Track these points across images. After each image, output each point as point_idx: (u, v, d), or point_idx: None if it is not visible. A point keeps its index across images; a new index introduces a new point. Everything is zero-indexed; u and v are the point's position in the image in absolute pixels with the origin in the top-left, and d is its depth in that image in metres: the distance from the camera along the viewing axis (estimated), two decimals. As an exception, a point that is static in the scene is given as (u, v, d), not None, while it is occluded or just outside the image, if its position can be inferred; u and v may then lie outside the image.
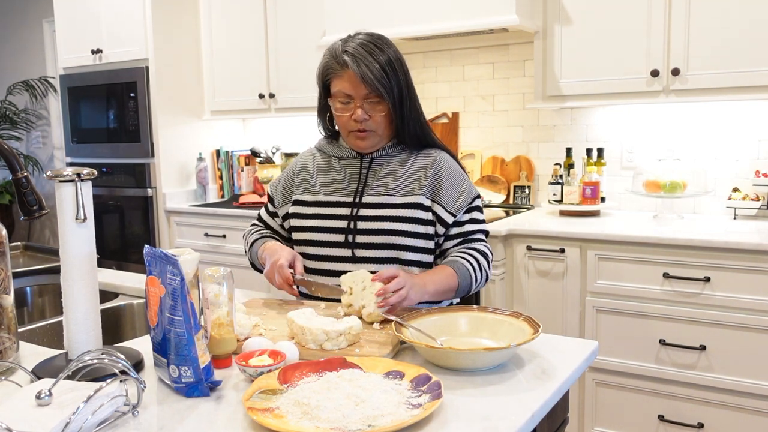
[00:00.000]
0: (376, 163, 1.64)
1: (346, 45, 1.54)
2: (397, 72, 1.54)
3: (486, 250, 1.62)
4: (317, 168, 1.70)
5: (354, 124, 1.56)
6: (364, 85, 1.51)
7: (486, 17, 2.80)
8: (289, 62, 3.58)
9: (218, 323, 1.18)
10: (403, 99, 1.56)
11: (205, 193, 3.91)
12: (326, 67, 1.58)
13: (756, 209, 2.68)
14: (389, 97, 1.53)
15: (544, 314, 2.65)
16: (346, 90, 1.54)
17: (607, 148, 3.03)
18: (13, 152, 1.28)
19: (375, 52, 1.52)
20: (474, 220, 1.63)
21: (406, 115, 1.58)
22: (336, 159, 1.68)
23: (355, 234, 1.58)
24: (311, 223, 1.64)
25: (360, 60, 1.50)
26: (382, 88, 1.51)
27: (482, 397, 1.04)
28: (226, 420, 0.97)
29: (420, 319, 1.32)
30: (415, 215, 1.58)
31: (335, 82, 1.56)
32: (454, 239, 1.62)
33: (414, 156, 1.64)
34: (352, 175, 1.65)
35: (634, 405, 2.51)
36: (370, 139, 1.59)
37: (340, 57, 1.53)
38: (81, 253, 1.16)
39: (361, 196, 1.61)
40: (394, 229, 1.57)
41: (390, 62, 1.53)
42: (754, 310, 2.25)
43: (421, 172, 1.61)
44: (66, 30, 4.05)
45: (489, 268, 1.62)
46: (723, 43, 2.49)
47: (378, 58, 1.51)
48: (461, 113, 3.43)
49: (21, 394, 0.99)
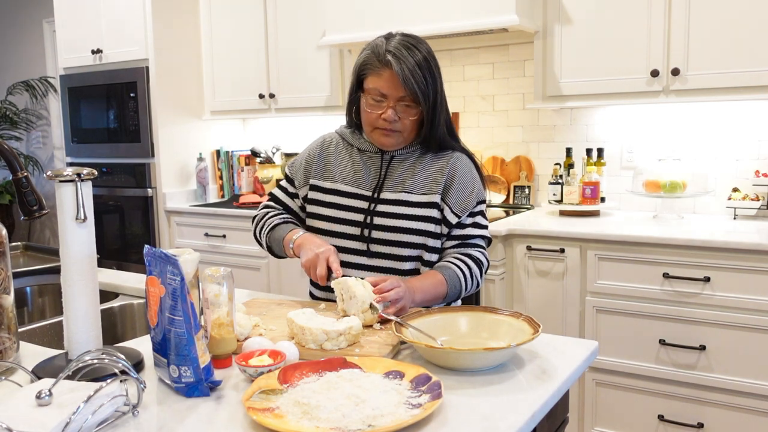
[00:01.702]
0: (397, 160, 1.64)
1: (389, 43, 1.52)
2: (436, 80, 1.53)
3: (482, 258, 1.61)
4: (338, 155, 1.68)
5: (383, 122, 1.55)
6: (404, 88, 1.49)
7: (486, 17, 2.80)
8: (289, 62, 3.58)
9: (218, 323, 1.18)
10: (437, 104, 1.54)
11: (205, 193, 3.91)
12: (366, 62, 1.55)
13: (756, 209, 2.68)
14: (425, 102, 1.52)
15: (544, 314, 2.65)
16: (382, 89, 1.52)
17: (607, 148, 3.03)
18: (13, 152, 1.28)
19: (417, 57, 1.50)
20: (477, 225, 1.63)
21: (437, 120, 1.56)
22: (357, 151, 1.67)
23: (371, 229, 1.58)
24: (327, 212, 1.63)
25: (402, 60, 1.49)
26: (420, 92, 1.50)
27: (482, 397, 1.04)
28: (226, 420, 0.97)
29: (420, 319, 1.32)
30: (430, 214, 1.58)
31: (371, 78, 1.54)
32: (454, 240, 1.61)
33: (433, 155, 1.63)
34: (372, 169, 1.64)
35: (634, 405, 2.51)
36: (395, 138, 1.58)
37: (383, 55, 1.51)
38: (81, 253, 1.16)
39: (379, 192, 1.61)
40: (410, 228, 1.56)
41: (431, 69, 1.52)
42: (754, 310, 2.25)
43: (438, 172, 1.60)
44: (66, 30, 4.05)
45: (481, 276, 1.61)
46: (723, 43, 2.49)
47: (420, 64, 1.50)
48: (461, 113, 3.43)
49: (21, 394, 0.99)
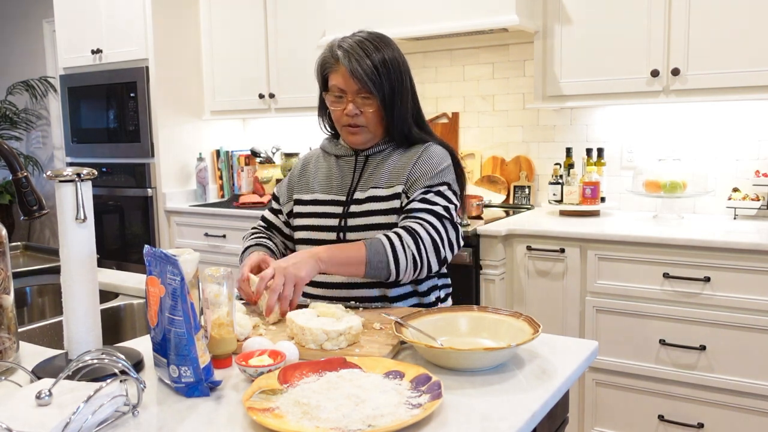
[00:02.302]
0: (370, 160, 1.65)
1: (343, 41, 1.57)
2: (390, 71, 1.55)
3: (418, 228, 1.47)
4: (317, 167, 1.72)
5: (346, 118, 1.59)
6: (354, 81, 1.53)
7: (486, 17, 2.80)
8: (289, 62, 3.58)
9: (218, 323, 1.18)
10: (395, 98, 1.56)
11: (205, 193, 3.91)
12: (323, 61, 1.61)
13: (756, 209, 2.68)
14: (378, 93, 1.54)
15: (544, 314, 2.65)
16: (340, 84, 1.56)
17: (607, 148, 3.02)
18: (13, 152, 1.28)
19: (369, 49, 1.54)
20: (425, 200, 1.53)
21: (396, 113, 1.58)
22: (335, 158, 1.70)
23: (345, 231, 1.60)
24: (307, 222, 1.66)
25: (351, 55, 1.53)
26: (372, 84, 1.53)
27: (482, 397, 1.04)
28: (226, 420, 0.97)
29: (420, 319, 1.32)
30: (396, 206, 1.57)
31: (331, 76, 1.59)
32: (401, 215, 1.55)
33: (402, 150, 1.64)
34: (347, 173, 1.66)
35: (634, 405, 2.51)
36: (362, 135, 1.61)
37: (334, 52, 1.56)
38: (81, 253, 1.16)
39: (352, 194, 1.63)
40: (381, 223, 1.57)
41: (384, 61, 1.54)
42: (754, 310, 2.25)
43: (405, 163, 1.60)
44: (66, 30, 4.05)
45: (423, 248, 1.46)
46: (723, 43, 2.49)
47: (371, 56, 1.53)
48: (461, 113, 3.42)
49: (21, 394, 0.99)
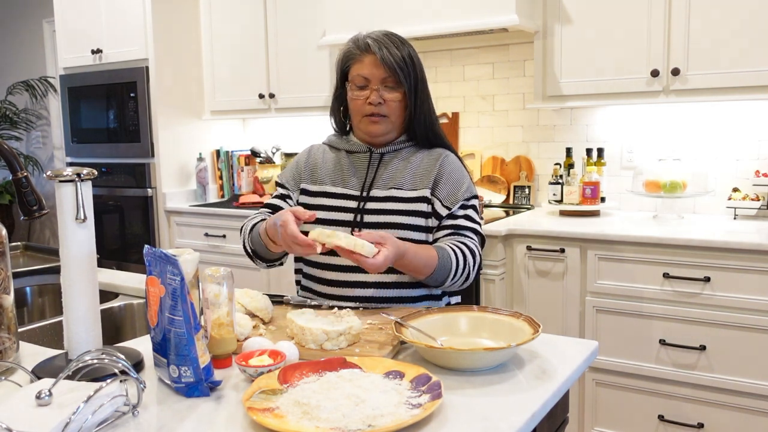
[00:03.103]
0: (386, 158, 1.65)
1: (369, 34, 1.61)
2: (416, 66, 1.60)
3: (475, 249, 1.57)
4: (324, 159, 1.71)
5: (369, 107, 1.59)
6: (384, 68, 1.55)
7: (486, 17, 2.80)
8: (289, 62, 3.58)
9: (218, 323, 1.18)
10: (418, 90, 1.60)
11: (205, 193, 3.91)
12: (347, 53, 1.63)
13: (756, 209, 2.68)
14: (406, 82, 1.57)
15: (544, 314, 2.64)
16: (364, 73, 1.57)
17: (607, 148, 3.02)
18: (13, 152, 1.28)
19: (397, 43, 1.59)
20: (469, 218, 1.62)
21: (419, 106, 1.61)
22: (345, 152, 1.69)
23: (361, 227, 1.59)
24: (318, 214, 1.62)
25: (382, 44, 1.57)
26: (401, 72, 1.56)
27: (482, 397, 1.04)
28: (226, 420, 0.97)
29: (420, 319, 1.32)
30: (419, 209, 1.59)
31: (354, 67, 1.60)
32: (446, 230, 1.60)
33: (422, 152, 1.66)
34: (360, 169, 1.66)
35: (634, 405, 2.51)
36: (383, 125, 1.61)
37: (362, 42, 1.59)
38: (81, 253, 1.16)
39: (369, 190, 1.62)
40: (400, 223, 1.57)
41: (410, 56, 1.60)
42: (754, 310, 2.25)
43: (428, 168, 1.62)
44: (66, 30, 4.04)
45: (473, 268, 1.56)
46: (723, 43, 2.49)
47: (399, 48, 1.58)
48: (461, 113, 3.43)
49: (21, 394, 0.99)
